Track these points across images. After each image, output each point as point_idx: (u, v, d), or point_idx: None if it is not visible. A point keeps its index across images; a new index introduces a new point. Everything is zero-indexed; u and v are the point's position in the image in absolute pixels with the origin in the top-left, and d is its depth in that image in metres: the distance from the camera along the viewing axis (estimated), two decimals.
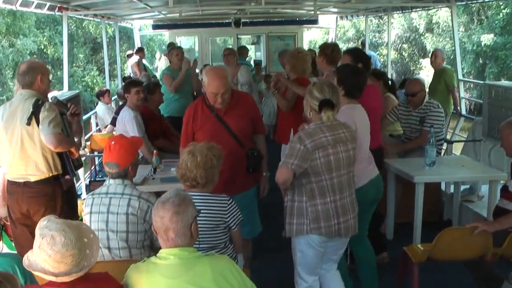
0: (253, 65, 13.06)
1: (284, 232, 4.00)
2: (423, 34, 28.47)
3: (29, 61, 4.85)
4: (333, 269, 4.19)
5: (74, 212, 4.88)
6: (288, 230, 3.95)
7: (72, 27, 27.24)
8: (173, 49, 8.53)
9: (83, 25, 27.84)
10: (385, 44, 29.65)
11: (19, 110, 4.44)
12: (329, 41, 17.29)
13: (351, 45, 30.32)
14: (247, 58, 13.26)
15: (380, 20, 29.28)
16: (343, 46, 30.07)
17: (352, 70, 4.60)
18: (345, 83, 4.43)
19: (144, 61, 14.92)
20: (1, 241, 5.25)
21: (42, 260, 2.48)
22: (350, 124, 4.07)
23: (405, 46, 30.23)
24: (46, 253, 2.46)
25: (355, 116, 4.38)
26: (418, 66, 29.31)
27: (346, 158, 3.84)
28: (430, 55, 9.84)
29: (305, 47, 18.67)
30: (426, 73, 24.79)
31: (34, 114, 4.37)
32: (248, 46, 18.90)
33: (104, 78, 27.73)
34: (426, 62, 26.02)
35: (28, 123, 4.37)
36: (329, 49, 5.93)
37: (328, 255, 4.07)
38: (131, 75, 13.72)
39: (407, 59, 30.61)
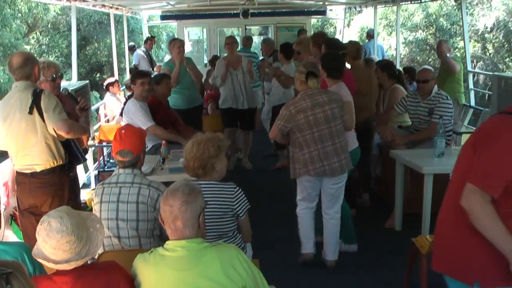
0: (260, 56, 12.95)
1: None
2: None
3: (22, 52, 4.82)
4: (333, 208, 5.25)
5: (78, 199, 4.90)
6: (291, 174, 5.22)
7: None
8: (173, 41, 8.26)
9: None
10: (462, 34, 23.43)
11: (17, 102, 4.41)
12: (339, 31, 17.25)
13: (419, 33, 24.39)
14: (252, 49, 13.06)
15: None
16: (409, 35, 24.69)
17: (332, 56, 5.68)
18: (326, 67, 5.44)
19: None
20: (10, 230, 5.30)
21: (42, 247, 2.52)
22: (348, 96, 5.35)
23: (489, 36, 22.21)
24: (43, 239, 2.49)
25: (346, 92, 5.41)
26: None
27: (324, 116, 4.96)
28: (436, 46, 9.79)
29: (355, 34, 17.46)
30: None
31: (35, 103, 4.37)
32: (256, 37, 18.88)
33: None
34: None
35: (30, 112, 4.36)
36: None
37: (326, 190, 5.21)
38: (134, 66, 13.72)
39: (492, 53, 22.53)
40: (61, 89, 5.40)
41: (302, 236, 5.35)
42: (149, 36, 15.54)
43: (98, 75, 26.10)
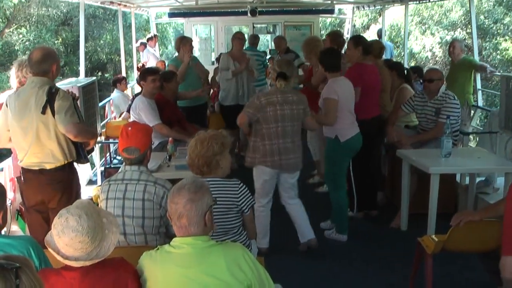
0: (268, 55, 12.88)
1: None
2: None
3: (43, 47, 4.76)
4: (294, 197, 5.63)
5: (80, 193, 4.91)
6: (247, 162, 5.52)
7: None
8: (184, 39, 8.39)
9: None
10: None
11: (32, 99, 4.36)
12: (347, 30, 17.19)
13: (458, 32, 21.58)
14: (259, 48, 12.96)
15: None
16: (446, 35, 22.33)
17: (328, 52, 6.08)
18: (323, 62, 5.86)
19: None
20: (17, 225, 5.31)
21: (55, 239, 2.54)
22: (332, 93, 5.64)
23: None
24: (58, 233, 2.51)
25: (336, 86, 5.71)
26: None
27: (290, 114, 5.28)
28: (448, 46, 9.74)
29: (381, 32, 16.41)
30: None
31: (49, 103, 4.32)
32: (266, 35, 18.79)
33: None
34: None
35: (43, 112, 4.32)
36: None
37: (283, 184, 5.56)
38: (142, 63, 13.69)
39: None
40: None
41: (259, 231, 5.39)
42: (154, 34, 15.57)
43: (100, 73, 24.45)
